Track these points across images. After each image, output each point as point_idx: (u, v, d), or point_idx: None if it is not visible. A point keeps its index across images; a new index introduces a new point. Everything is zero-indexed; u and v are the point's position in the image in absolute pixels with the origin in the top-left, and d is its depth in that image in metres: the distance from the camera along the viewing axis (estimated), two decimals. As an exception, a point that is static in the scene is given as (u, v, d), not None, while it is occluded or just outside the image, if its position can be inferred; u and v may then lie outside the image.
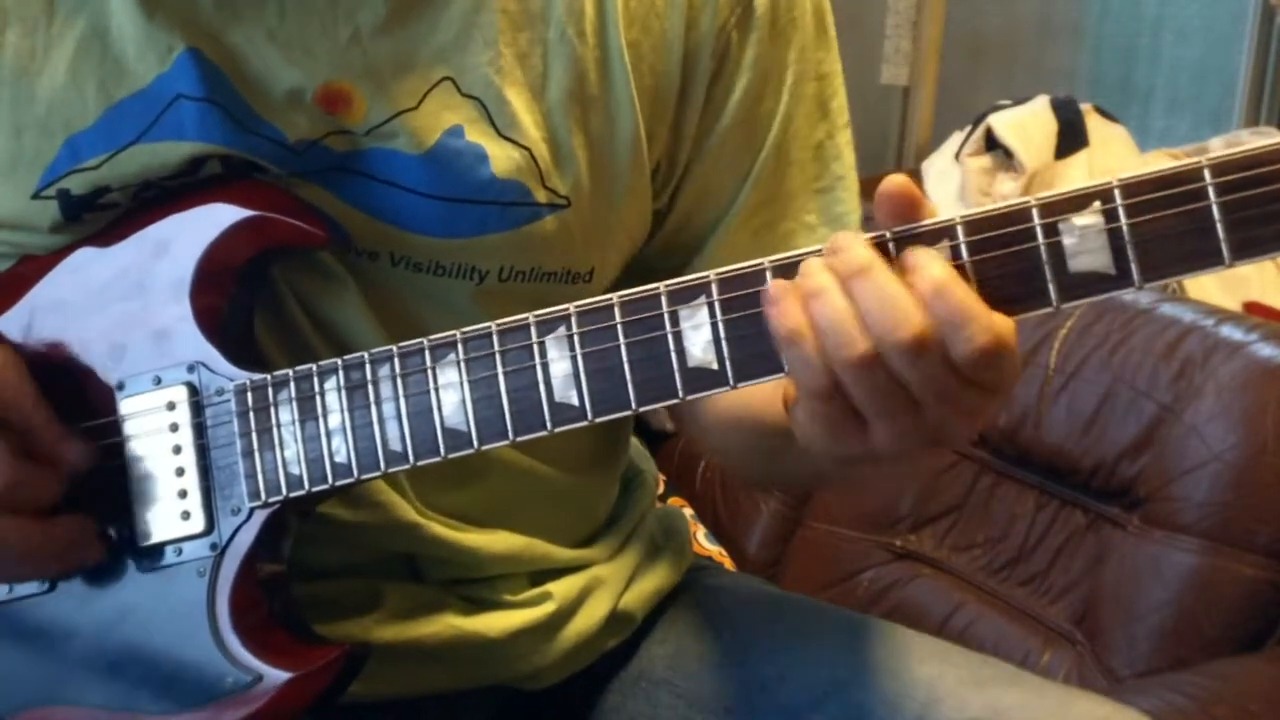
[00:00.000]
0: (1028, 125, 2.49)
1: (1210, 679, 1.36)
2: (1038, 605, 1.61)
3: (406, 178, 0.83)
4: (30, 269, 0.85)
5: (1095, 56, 3.13)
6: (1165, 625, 1.44)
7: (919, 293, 0.65)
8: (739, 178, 0.91)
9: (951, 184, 2.53)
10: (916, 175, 2.68)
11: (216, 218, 0.81)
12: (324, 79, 0.82)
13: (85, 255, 0.84)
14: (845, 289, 0.66)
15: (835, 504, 1.82)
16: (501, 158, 0.83)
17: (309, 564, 0.87)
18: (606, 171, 0.86)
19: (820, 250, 0.68)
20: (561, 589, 0.96)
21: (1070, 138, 2.48)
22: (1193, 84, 2.95)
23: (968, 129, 2.58)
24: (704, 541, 1.88)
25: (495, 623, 0.93)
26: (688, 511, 1.92)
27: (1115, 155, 2.47)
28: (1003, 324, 0.65)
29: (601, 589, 0.98)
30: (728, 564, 1.81)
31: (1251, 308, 2.26)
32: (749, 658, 0.96)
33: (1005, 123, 2.50)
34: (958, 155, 2.56)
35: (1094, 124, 2.52)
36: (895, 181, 0.67)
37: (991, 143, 2.52)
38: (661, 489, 1.95)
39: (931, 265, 0.65)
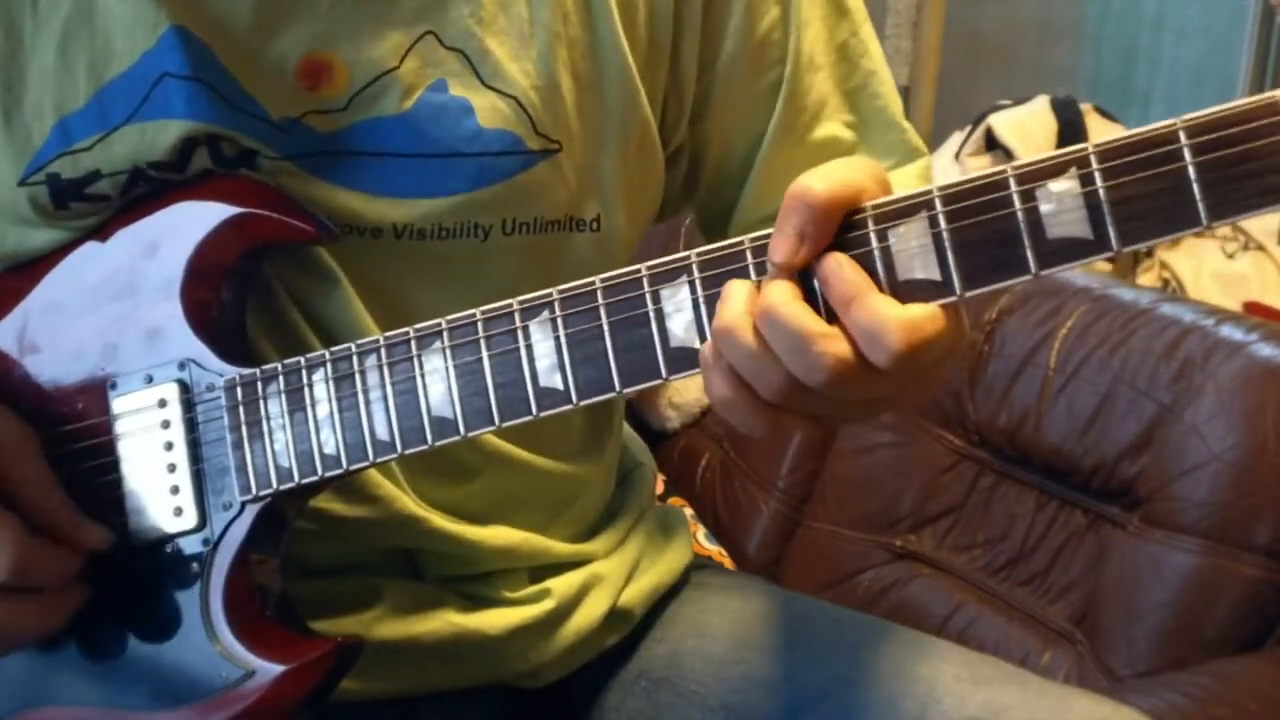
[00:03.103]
0: (1028, 125, 2.49)
1: (1210, 679, 1.36)
2: (1038, 605, 1.60)
3: (393, 142, 0.82)
4: (25, 274, 0.85)
5: (1095, 56, 3.13)
6: (1165, 625, 1.44)
7: (831, 303, 0.65)
8: (761, 100, 0.91)
9: (951, 184, 2.53)
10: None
11: (205, 216, 0.81)
12: (305, 49, 0.81)
13: (79, 256, 0.84)
14: (755, 327, 0.66)
15: (835, 504, 1.82)
16: (486, 108, 0.83)
17: (308, 562, 0.87)
18: (597, 112, 0.86)
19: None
20: (560, 586, 0.95)
21: (1070, 138, 2.48)
22: (1193, 84, 2.95)
23: (968, 129, 2.59)
24: (704, 541, 1.88)
25: (494, 620, 0.93)
26: (688, 511, 1.92)
27: (1115, 155, 2.47)
28: (919, 313, 0.64)
29: (601, 586, 0.98)
30: (728, 564, 1.81)
31: (1251, 308, 2.27)
32: (749, 657, 0.96)
33: (1005, 123, 2.50)
34: (958, 155, 2.56)
35: (1094, 124, 2.53)
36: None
37: (991, 143, 2.53)
38: (661, 489, 1.95)
39: (840, 281, 0.65)
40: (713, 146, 0.92)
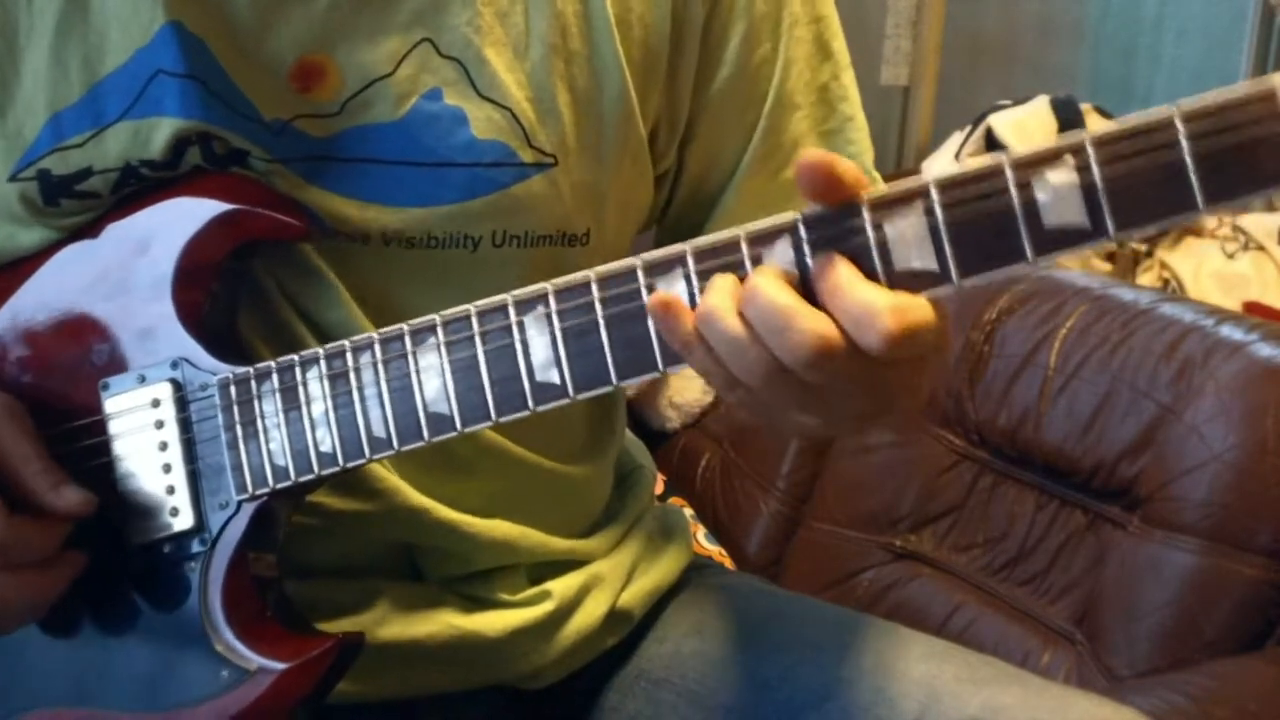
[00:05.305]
0: (1028, 125, 2.49)
1: (1210, 679, 1.36)
2: (1038, 605, 1.60)
3: (386, 149, 0.82)
4: (12, 273, 0.85)
5: (1095, 56, 3.13)
6: (1165, 625, 1.44)
7: (819, 295, 0.65)
8: (745, 131, 0.91)
9: (951, 184, 2.53)
10: (916, 175, 2.68)
11: (195, 213, 0.81)
12: (300, 50, 0.81)
13: (69, 255, 0.83)
14: (739, 311, 0.66)
15: (835, 504, 1.82)
16: (481, 119, 0.83)
17: (308, 563, 0.87)
18: (594, 128, 0.86)
19: (796, 219, 0.68)
20: (560, 587, 0.95)
21: (1070, 138, 2.48)
22: (1193, 84, 2.94)
23: (968, 129, 2.58)
24: (704, 541, 1.88)
25: (494, 622, 0.93)
26: (688, 511, 1.92)
27: (1115, 155, 2.46)
28: (908, 303, 0.64)
29: (600, 587, 0.98)
30: (728, 564, 1.81)
31: (1251, 308, 2.26)
32: (749, 657, 0.96)
33: (1005, 123, 2.50)
34: (958, 155, 2.56)
35: (1094, 124, 2.51)
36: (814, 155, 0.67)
37: (991, 143, 2.52)
38: (661, 489, 1.95)
39: (831, 271, 0.65)
40: (691, 171, 0.92)
